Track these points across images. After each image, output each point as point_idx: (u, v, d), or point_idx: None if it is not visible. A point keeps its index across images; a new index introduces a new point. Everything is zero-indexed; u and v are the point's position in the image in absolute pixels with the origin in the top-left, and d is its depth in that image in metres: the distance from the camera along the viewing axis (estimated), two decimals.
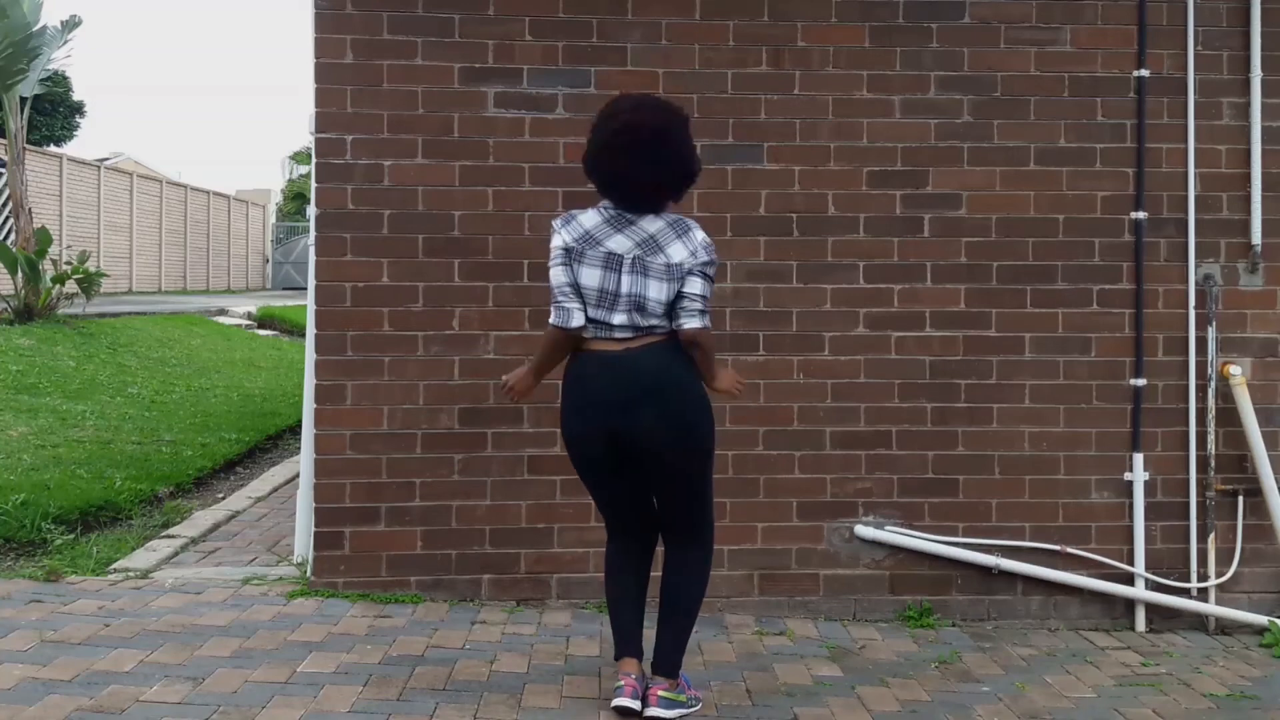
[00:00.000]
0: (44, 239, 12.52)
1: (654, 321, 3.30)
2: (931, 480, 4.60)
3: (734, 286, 4.55)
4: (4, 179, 16.99)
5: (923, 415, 4.60)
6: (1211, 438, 4.64)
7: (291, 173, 49.40)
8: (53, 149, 23.46)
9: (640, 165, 3.29)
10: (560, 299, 3.32)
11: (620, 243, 3.31)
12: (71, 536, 5.09)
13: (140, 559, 4.87)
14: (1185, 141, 4.66)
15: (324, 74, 4.45)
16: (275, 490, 6.47)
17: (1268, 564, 4.70)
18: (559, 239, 3.36)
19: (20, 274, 12.08)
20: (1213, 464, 4.64)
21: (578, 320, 3.29)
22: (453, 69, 4.48)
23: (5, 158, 15.47)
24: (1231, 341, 4.69)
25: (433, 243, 4.48)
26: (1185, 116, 4.66)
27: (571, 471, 4.42)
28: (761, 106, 4.56)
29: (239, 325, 16.94)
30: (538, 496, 4.49)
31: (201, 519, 5.69)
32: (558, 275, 3.34)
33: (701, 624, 4.33)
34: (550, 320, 3.35)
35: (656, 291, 3.28)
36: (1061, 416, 4.64)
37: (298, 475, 5.26)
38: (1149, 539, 4.63)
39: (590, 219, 3.37)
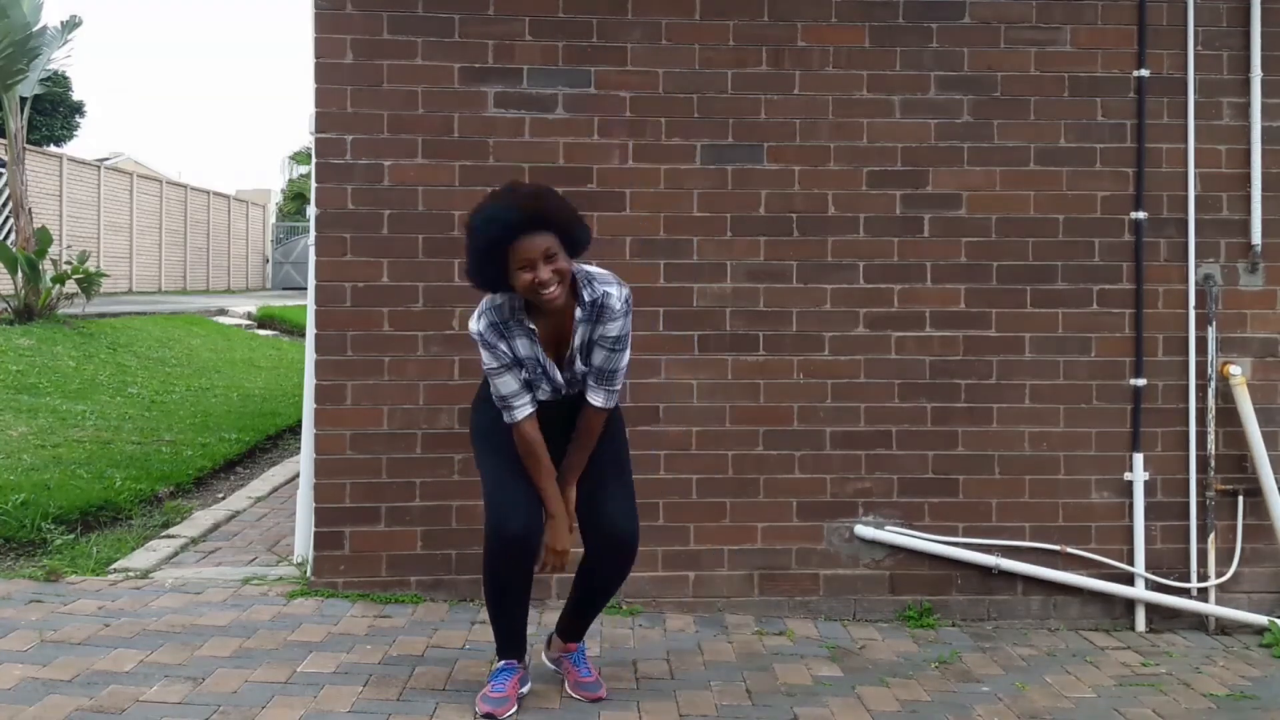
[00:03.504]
0: (44, 239, 12.52)
1: None
2: (931, 480, 4.60)
3: (734, 286, 4.55)
4: (4, 179, 17.00)
5: (923, 415, 4.60)
6: (1211, 438, 4.64)
7: (291, 173, 49.44)
8: (53, 149, 23.47)
9: None
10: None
11: None
12: (71, 536, 5.09)
13: (140, 559, 4.87)
14: (1185, 141, 4.66)
15: (324, 74, 4.45)
16: (275, 490, 6.47)
17: (1268, 564, 4.70)
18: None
19: (20, 274, 12.08)
20: (1213, 464, 4.64)
21: None
22: (453, 69, 4.48)
23: (5, 158, 15.47)
24: (1231, 341, 4.69)
25: (433, 243, 4.48)
26: (1185, 116, 4.66)
27: None
28: (761, 106, 4.56)
29: (239, 325, 16.94)
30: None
31: (201, 519, 5.69)
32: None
33: (701, 624, 4.35)
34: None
35: None
36: (1061, 416, 4.64)
37: (298, 475, 5.26)
38: (1149, 539, 4.64)
39: None
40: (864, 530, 4.58)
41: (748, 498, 4.55)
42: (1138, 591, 4.62)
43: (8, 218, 16.58)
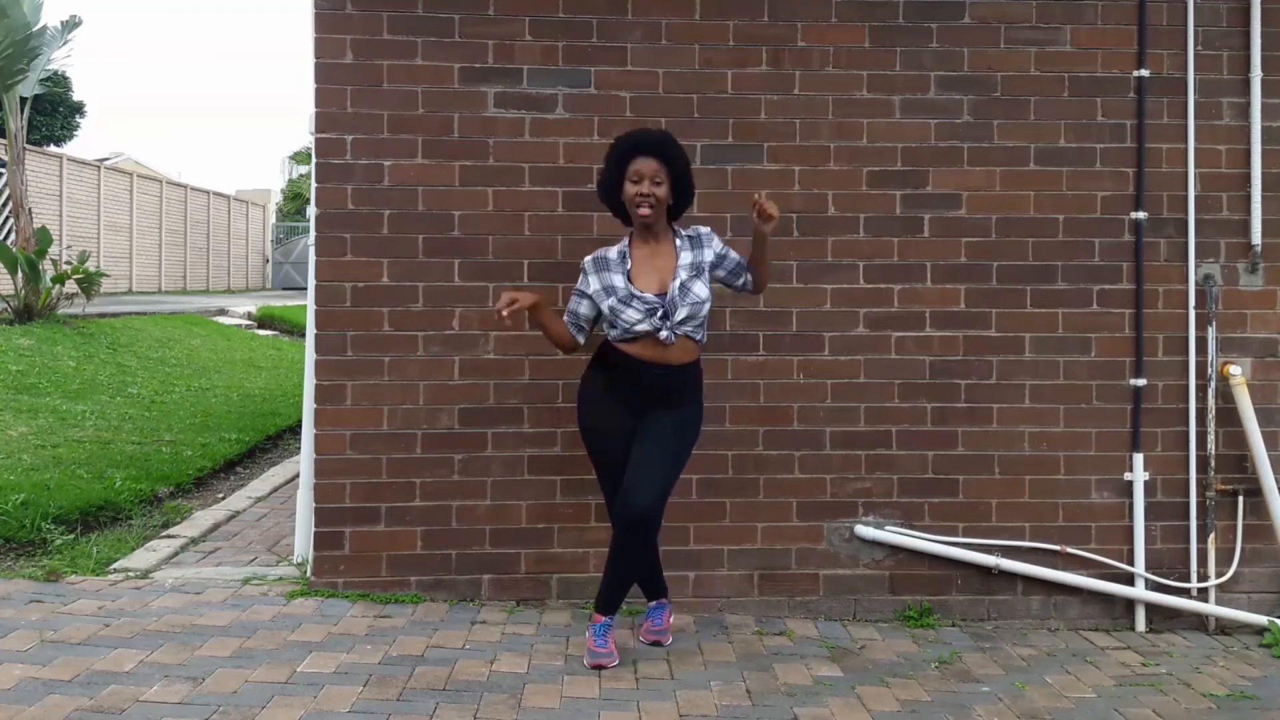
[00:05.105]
0: (44, 239, 12.52)
1: None
2: (931, 480, 4.60)
3: None
4: (4, 179, 17.01)
5: (923, 415, 4.60)
6: (1211, 438, 4.64)
7: (291, 173, 49.44)
8: (53, 149, 23.45)
9: None
10: None
11: None
12: (71, 536, 5.09)
13: (140, 559, 4.87)
14: (1185, 141, 4.66)
15: (324, 74, 4.45)
16: (275, 490, 6.47)
17: (1268, 564, 4.70)
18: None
19: (20, 274, 12.09)
20: (1213, 464, 4.64)
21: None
22: (453, 69, 4.48)
23: (5, 158, 15.48)
24: (1231, 341, 4.69)
25: (433, 243, 4.48)
26: (1185, 116, 4.66)
27: (571, 471, 4.46)
28: (761, 106, 4.56)
29: (239, 325, 16.94)
30: (538, 496, 4.49)
31: (201, 519, 5.69)
32: None
33: (701, 624, 4.35)
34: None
35: None
36: (1061, 416, 4.64)
37: (298, 475, 5.27)
38: (1149, 539, 4.64)
39: None
40: (864, 530, 4.58)
41: (748, 498, 4.55)
42: (1138, 591, 4.62)
43: (8, 218, 16.60)
